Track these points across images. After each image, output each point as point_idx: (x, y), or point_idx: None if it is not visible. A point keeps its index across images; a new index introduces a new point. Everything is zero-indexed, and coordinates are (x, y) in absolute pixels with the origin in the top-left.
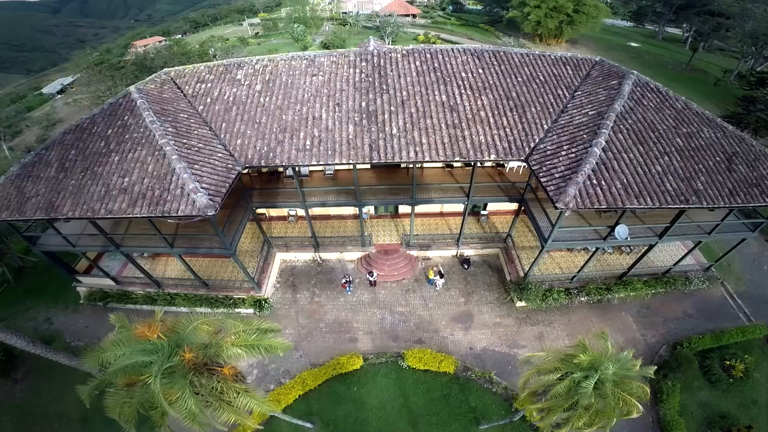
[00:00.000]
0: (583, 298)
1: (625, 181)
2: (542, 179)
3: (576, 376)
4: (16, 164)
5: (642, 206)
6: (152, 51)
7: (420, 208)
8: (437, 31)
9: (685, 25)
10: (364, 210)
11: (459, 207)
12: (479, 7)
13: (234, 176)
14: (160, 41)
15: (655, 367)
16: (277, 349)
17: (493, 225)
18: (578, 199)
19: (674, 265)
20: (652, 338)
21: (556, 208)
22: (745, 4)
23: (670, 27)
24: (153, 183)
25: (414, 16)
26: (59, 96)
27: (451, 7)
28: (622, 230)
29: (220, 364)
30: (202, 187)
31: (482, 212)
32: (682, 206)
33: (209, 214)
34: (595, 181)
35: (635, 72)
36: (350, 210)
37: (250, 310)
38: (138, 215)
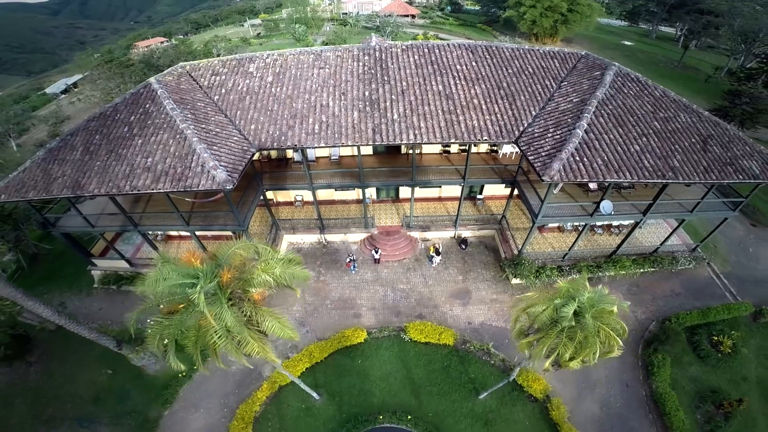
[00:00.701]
0: (575, 276)
1: (605, 158)
2: (530, 157)
3: (557, 302)
4: (42, 149)
5: (621, 180)
6: (159, 50)
7: (419, 193)
8: (436, 30)
9: (678, 24)
10: (367, 195)
11: (456, 192)
12: (477, 8)
13: (249, 156)
14: (162, 42)
15: (628, 303)
16: (300, 277)
17: (488, 208)
18: (562, 173)
19: (661, 244)
20: (642, 315)
21: (542, 180)
22: (734, 2)
23: (664, 26)
24: (175, 162)
25: (413, 16)
26: (63, 96)
27: (449, 8)
28: (606, 205)
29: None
30: (221, 165)
31: (478, 196)
32: (659, 180)
33: (228, 187)
34: (578, 158)
35: (617, 64)
36: (353, 195)
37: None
38: (162, 190)
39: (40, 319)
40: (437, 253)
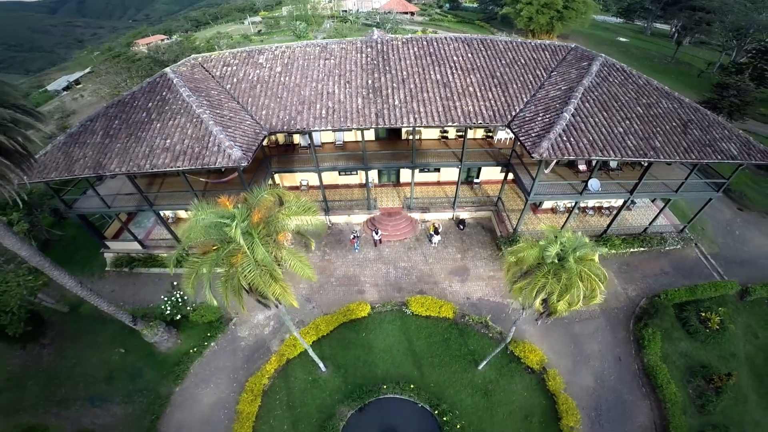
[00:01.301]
0: None
1: (591, 138)
2: (521, 138)
3: (542, 243)
4: (62, 134)
5: (605, 157)
6: (164, 46)
7: (419, 177)
8: (434, 27)
9: (673, 21)
10: (369, 179)
11: (454, 176)
12: (475, 5)
13: (261, 138)
14: (162, 39)
15: (604, 250)
16: (317, 223)
17: (484, 191)
18: (550, 151)
19: (649, 224)
20: (633, 292)
21: (532, 157)
22: None
23: (659, 23)
24: (192, 143)
25: (412, 13)
26: (65, 92)
27: (448, 5)
28: (594, 183)
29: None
30: (236, 145)
31: (475, 180)
32: (641, 159)
33: (243, 164)
34: (565, 138)
35: (603, 55)
36: (356, 180)
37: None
38: (180, 168)
39: (54, 302)
40: (436, 232)
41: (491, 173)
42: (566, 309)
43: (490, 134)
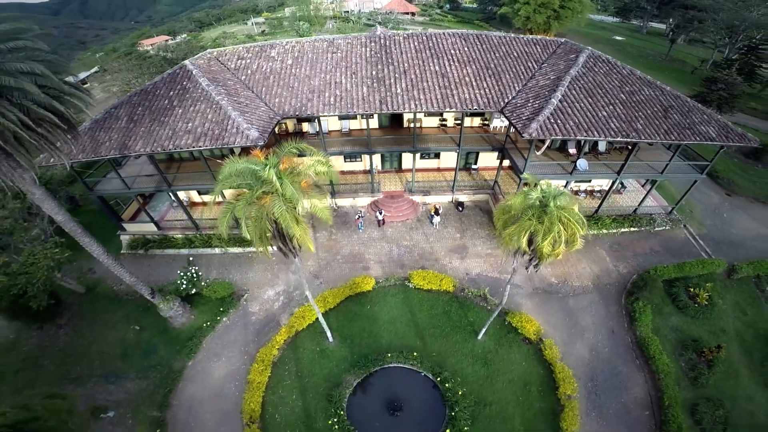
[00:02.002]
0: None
1: (577, 120)
2: (513, 121)
3: (526, 190)
4: (88, 120)
5: (590, 137)
6: (173, 45)
7: (420, 164)
8: (435, 28)
9: (669, 20)
10: (373, 165)
11: (453, 162)
12: (474, 5)
13: (275, 122)
14: (166, 40)
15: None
16: (332, 174)
17: (482, 177)
18: (539, 131)
19: (639, 205)
20: (624, 269)
21: (522, 136)
22: None
23: (655, 22)
24: (213, 126)
25: (413, 14)
26: None
27: (448, 5)
28: (582, 163)
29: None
30: (253, 127)
31: (473, 166)
32: (623, 139)
33: (260, 144)
34: (553, 120)
35: (590, 48)
36: (360, 166)
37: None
38: (202, 147)
39: (72, 282)
40: (437, 213)
41: (488, 160)
42: (550, 252)
43: (486, 122)
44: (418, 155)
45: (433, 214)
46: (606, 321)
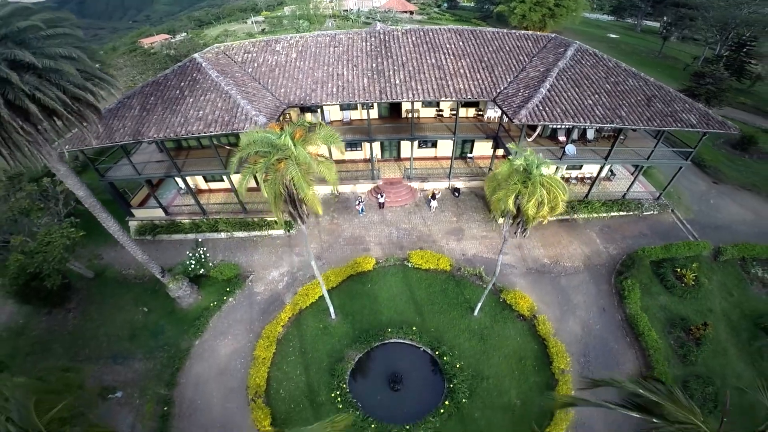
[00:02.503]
0: (552, 218)
1: (563, 108)
2: (504, 108)
3: (510, 158)
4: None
5: (576, 123)
6: (175, 43)
7: (418, 153)
8: (432, 26)
9: (663, 18)
10: (373, 153)
11: (449, 152)
12: (472, 4)
13: (282, 110)
14: (166, 39)
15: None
16: (337, 142)
17: (477, 165)
18: (528, 117)
19: (627, 190)
20: (614, 250)
21: (512, 122)
22: None
23: (649, 20)
24: (223, 113)
25: (411, 12)
26: None
27: (446, 4)
28: (570, 148)
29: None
30: (261, 114)
31: (468, 155)
32: (607, 125)
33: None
34: (541, 108)
35: (578, 42)
36: (361, 155)
37: (281, 231)
38: (213, 133)
39: (82, 267)
40: (434, 197)
41: (483, 149)
42: (535, 214)
43: (481, 112)
44: (415, 144)
45: (430, 198)
46: (597, 299)
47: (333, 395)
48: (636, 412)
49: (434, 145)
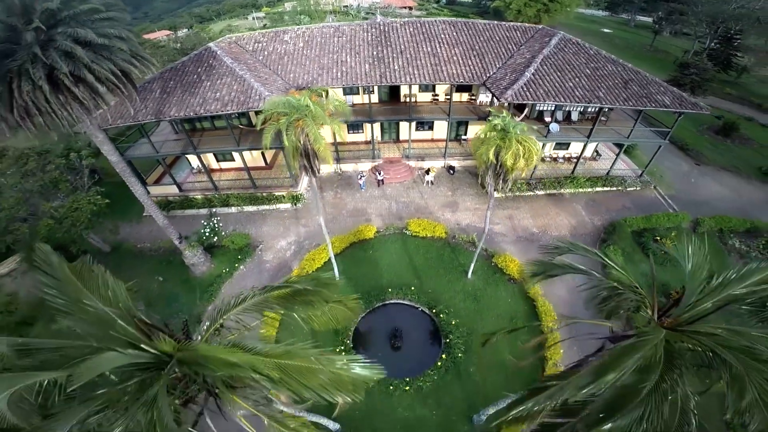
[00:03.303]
0: (540, 192)
1: (546, 89)
2: (492, 90)
3: (490, 119)
4: None
5: (557, 102)
6: (182, 37)
7: (415, 135)
8: (428, 18)
9: (659, 13)
10: (374, 134)
11: (445, 134)
12: (469, 0)
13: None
14: (167, 35)
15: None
16: (344, 108)
17: (471, 146)
18: (513, 96)
19: (611, 167)
20: (598, 222)
21: (500, 101)
22: None
23: (642, 15)
24: (238, 95)
25: (410, 8)
26: None
27: (444, 0)
28: (554, 126)
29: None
30: (273, 94)
31: (463, 137)
32: (586, 104)
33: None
34: (525, 89)
35: (562, 32)
36: (362, 137)
37: (288, 205)
38: (230, 111)
39: (100, 241)
40: (428, 172)
41: (477, 131)
42: (513, 164)
43: (474, 97)
44: (413, 126)
45: (425, 173)
46: (582, 265)
47: (337, 350)
48: (587, 274)
49: (431, 127)
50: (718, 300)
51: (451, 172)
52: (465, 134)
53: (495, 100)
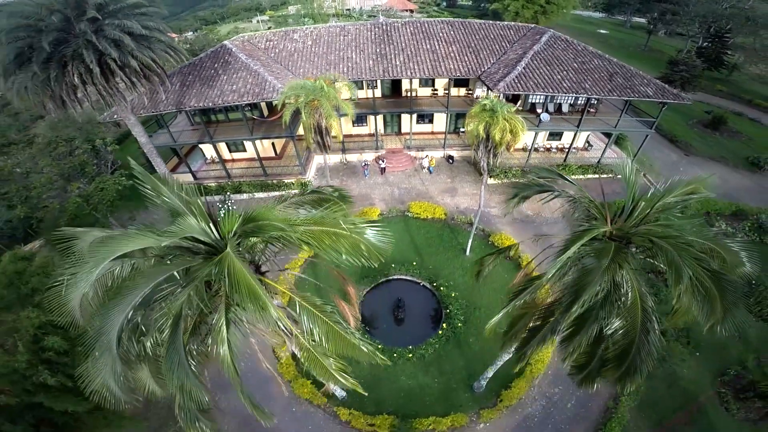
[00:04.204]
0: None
1: (536, 81)
2: (487, 82)
3: (480, 100)
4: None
5: (547, 93)
6: (192, 38)
7: (416, 128)
8: (428, 18)
9: (648, 15)
10: (377, 127)
11: (444, 127)
12: (470, 3)
13: None
14: (174, 37)
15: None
16: (352, 90)
17: (468, 140)
18: (505, 88)
19: (601, 156)
20: None
21: (492, 91)
22: None
23: (637, 16)
24: (253, 87)
25: (411, 11)
26: None
27: (444, 3)
28: (544, 116)
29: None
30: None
31: (461, 129)
32: (573, 94)
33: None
34: (517, 81)
35: (552, 29)
36: (366, 130)
37: (297, 191)
38: (245, 101)
39: (118, 226)
40: (425, 157)
41: None
42: (501, 139)
43: (470, 91)
44: (414, 118)
45: (424, 157)
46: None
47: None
48: (551, 189)
49: (431, 120)
50: (656, 208)
51: (450, 161)
52: (463, 127)
53: (489, 93)
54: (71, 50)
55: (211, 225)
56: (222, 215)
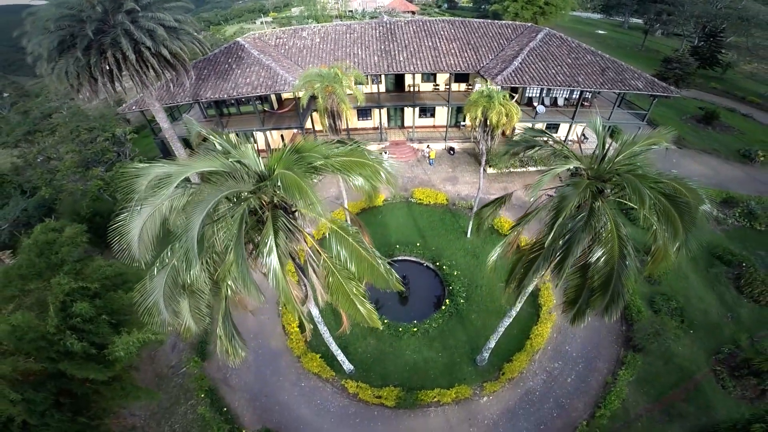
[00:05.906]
0: (532, 168)
1: (531, 75)
2: (485, 76)
3: (477, 87)
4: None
5: (542, 86)
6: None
7: (419, 122)
8: (429, 17)
9: (652, 14)
10: (381, 120)
11: (445, 120)
12: (470, 4)
13: None
14: None
15: (508, 92)
16: (359, 77)
17: (468, 130)
18: (502, 81)
19: (596, 147)
20: None
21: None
22: None
23: (635, 17)
24: (266, 80)
25: (413, 12)
26: None
27: (446, 5)
28: (540, 108)
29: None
30: (296, 80)
31: (461, 123)
32: (567, 87)
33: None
34: (513, 75)
35: (548, 28)
36: (370, 124)
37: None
38: (259, 93)
39: None
40: (428, 147)
41: None
42: (497, 121)
43: (470, 87)
44: (417, 111)
45: (426, 147)
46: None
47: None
48: (538, 144)
49: (432, 114)
50: (625, 155)
51: (452, 153)
52: (464, 120)
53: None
54: (109, 39)
55: (259, 159)
56: None
